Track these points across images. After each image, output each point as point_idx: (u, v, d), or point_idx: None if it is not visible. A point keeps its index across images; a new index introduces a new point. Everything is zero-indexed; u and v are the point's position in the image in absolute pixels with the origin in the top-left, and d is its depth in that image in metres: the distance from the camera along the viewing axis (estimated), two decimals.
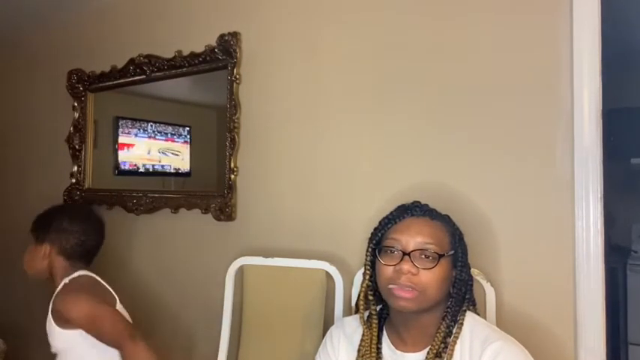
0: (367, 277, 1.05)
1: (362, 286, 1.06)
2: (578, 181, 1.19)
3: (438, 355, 0.95)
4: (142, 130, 2.14)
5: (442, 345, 0.96)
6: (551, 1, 1.24)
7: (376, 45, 1.49)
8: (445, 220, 1.04)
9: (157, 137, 2.13)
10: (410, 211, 1.03)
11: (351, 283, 1.41)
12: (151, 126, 2.14)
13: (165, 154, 2.13)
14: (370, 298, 1.05)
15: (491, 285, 1.23)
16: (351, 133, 1.53)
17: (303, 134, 1.62)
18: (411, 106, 1.43)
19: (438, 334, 0.97)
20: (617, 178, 3.04)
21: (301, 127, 1.62)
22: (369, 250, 1.05)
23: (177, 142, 2.14)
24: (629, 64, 2.92)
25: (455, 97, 1.36)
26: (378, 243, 1.03)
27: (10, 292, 2.55)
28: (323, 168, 1.57)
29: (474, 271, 1.21)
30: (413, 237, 0.97)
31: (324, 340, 1.15)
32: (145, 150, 2.13)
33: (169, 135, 2.14)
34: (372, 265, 1.04)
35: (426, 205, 1.06)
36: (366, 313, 1.07)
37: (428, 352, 0.96)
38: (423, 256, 0.96)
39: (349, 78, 1.54)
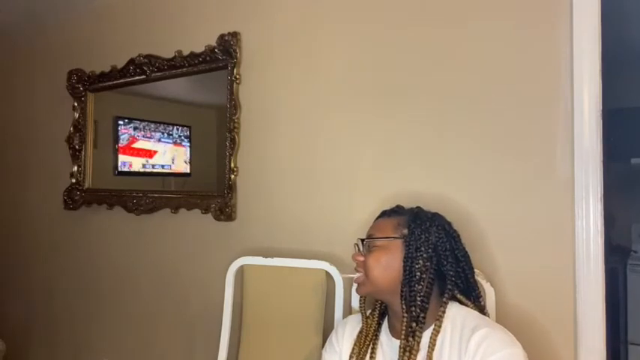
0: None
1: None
2: (578, 181, 1.19)
3: (407, 340, 0.99)
4: (166, 135, 2.08)
5: (409, 330, 0.99)
6: (551, 2, 1.24)
7: (376, 45, 1.49)
8: (402, 215, 1.12)
9: (182, 143, 2.08)
10: (381, 214, 1.17)
11: (351, 283, 1.41)
12: (177, 130, 2.07)
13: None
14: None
15: (492, 285, 1.23)
16: (351, 133, 1.53)
17: (303, 134, 1.62)
18: (411, 107, 1.43)
19: (403, 320, 1.01)
20: (617, 178, 3.04)
21: (301, 127, 1.62)
22: (355, 246, 1.16)
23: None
24: (629, 64, 2.92)
25: (455, 98, 1.36)
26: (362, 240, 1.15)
27: (10, 292, 2.55)
28: (323, 168, 1.57)
29: None
30: (367, 232, 1.13)
31: (330, 335, 1.22)
32: (169, 158, 2.08)
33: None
34: None
35: (400, 206, 1.17)
36: (369, 310, 1.16)
37: (400, 339, 1.01)
38: (368, 245, 1.09)
39: (349, 78, 1.54)
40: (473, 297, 1.06)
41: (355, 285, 1.13)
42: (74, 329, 2.24)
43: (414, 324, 1.00)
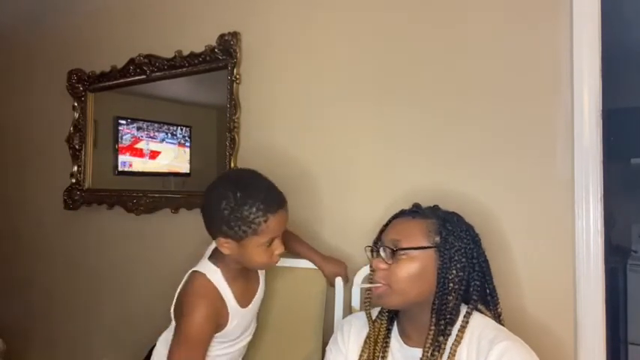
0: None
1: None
2: (578, 181, 1.19)
3: (432, 354, 0.95)
4: (170, 135, 2.07)
5: (435, 343, 0.95)
6: (551, 2, 1.24)
7: (376, 45, 1.49)
8: (428, 217, 1.02)
9: (186, 144, 2.07)
10: (400, 213, 1.07)
11: (351, 283, 1.41)
12: (181, 130, 2.05)
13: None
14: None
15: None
16: (351, 133, 1.53)
17: (304, 134, 1.62)
18: (412, 108, 1.43)
19: (430, 331, 0.96)
20: (617, 178, 3.03)
21: (301, 126, 1.62)
22: (368, 249, 1.07)
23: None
24: (629, 64, 2.92)
25: (455, 98, 1.36)
26: (375, 243, 1.06)
27: (10, 292, 2.55)
28: (323, 169, 1.57)
29: None
30: (387, 235, 1.01)
31: (334, 334, 1.16)
32: (172, 157, 2.08)
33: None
34: None
35: (418, 206, 1.08)
36: (375, 312, 1.09)
37: (423, 350, 0.96)
38: (389, 251, 0.98)
39: (349, 78, 1.54)
40: (491, 304, 1.03)
41: (373, 295, 1.00)
42: (74, 329, 2.24)
43: (441, 337, 0.95)
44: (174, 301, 1.18)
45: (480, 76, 1.33)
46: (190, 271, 1.19)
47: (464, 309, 0.99)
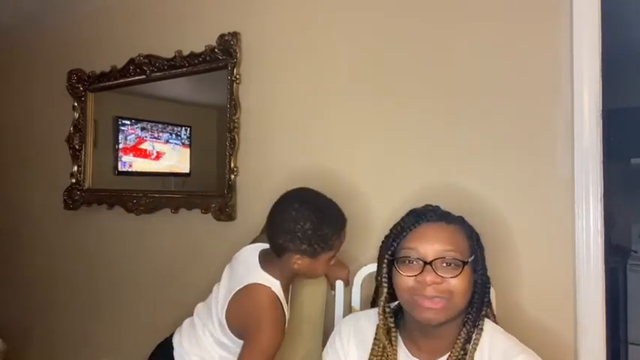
0: (385, 289, 0.99)
1: (380, 300, 1.00)
2: (578, 181, 1.19)
3: None
4: (174, 136, 2.07)
5: (462, 352, 0.92)
6: (551, 2, 1.24)
7: (377, 45, 1.49)
8: (461, 223, 0.98)
9: (189, 144, 2.06)
10: (424, 216, 0.96)
11: (352, 284, 1.41)
12: (185, 130, 2.05)
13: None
14: (387, 309, 1.00)
15: (492, 285, 1.23)
16: (351, 133, 1.53)
17: (304, 133, 1.62)
18: (412, 108, 1.43)
19: (458, 341, 0.93)
20: (617, 178, 3.03)
21: (301, 126, 1.62)
22: (385, 260, 0.99)
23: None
24: (629, 64, 2.91)
25: (455, 98, 1.36)
26: (393, 253, 0.97)
27: (10, 292, 2.55)
28: (323, 169, 1.57)
29: None
30: (431, 244, 0.92)
31: (332, 336, 1.10)
32: (176, 158, 2.08)
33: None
34: (388, 277, 0.99)
35: (438, 207, 1.01)
36: (371, 316, 1.03)
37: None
38: (445, 264, 0.91)
39: (349, 78, 1.54)
40: (488, 304, 1.01)
41: (428, 310, 0.91)
42: (74, 329, 2.24)
43: (467, 345, 0.93)
44: (229, 310, 1.19)
45: (480, 76, 1.32)
46: (249, 282, 1.20)
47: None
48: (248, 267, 1.24)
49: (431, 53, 1.40)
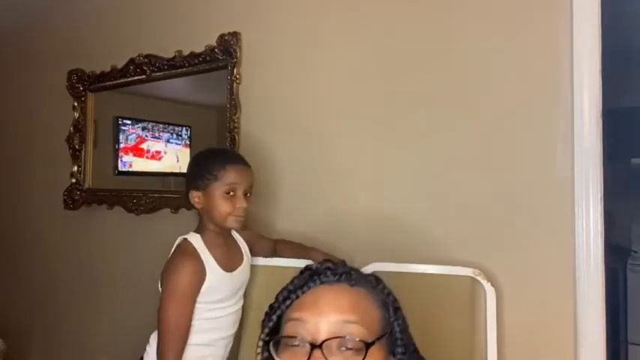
0: None
1: None
2: (578, 181, 1.19)
3: None
4: (175, 136, 2.06)
5: None
6: (551, 2, 1.24)
7: (377, 44, 1.49)
8: (371, 286, 0.71)
9: (190, 144, 2.06)
10: (318, 276, 0.70)
11: None
12: (186, 130, 2.05)
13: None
14: None
15: (492, 285, 1.23)
16: (351, 133, 1.53)
17: (304, 134, 1.62)
18: (411, 108, 1.43)
19: None
20: (617, 178, 3.02)
21: (301, 126, 1.62)
22: (261, 342, 0.72)
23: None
24: (629, 64, 2.91)
25: (454, 99, 1.36)
26: (272, 330, 0.71)
27: (10, 292, 2.55)
28: (323, 169, 1.57)
29: (474, 272, 1.21)
30: (325, 315, 0.65)
31: None
32: (177, 159, 2.08)
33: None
34: None
35: (343, 263, 0.82)
36: None
37: None
38: (344, 348, 0.63)
39: (349, 78, 1.54)
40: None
41: None
42: (74, 329, 2.24)
43: None
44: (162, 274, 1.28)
45: (480, 77, 1.33)
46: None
47: None
48: None
49: (430, 54, 1.40)
